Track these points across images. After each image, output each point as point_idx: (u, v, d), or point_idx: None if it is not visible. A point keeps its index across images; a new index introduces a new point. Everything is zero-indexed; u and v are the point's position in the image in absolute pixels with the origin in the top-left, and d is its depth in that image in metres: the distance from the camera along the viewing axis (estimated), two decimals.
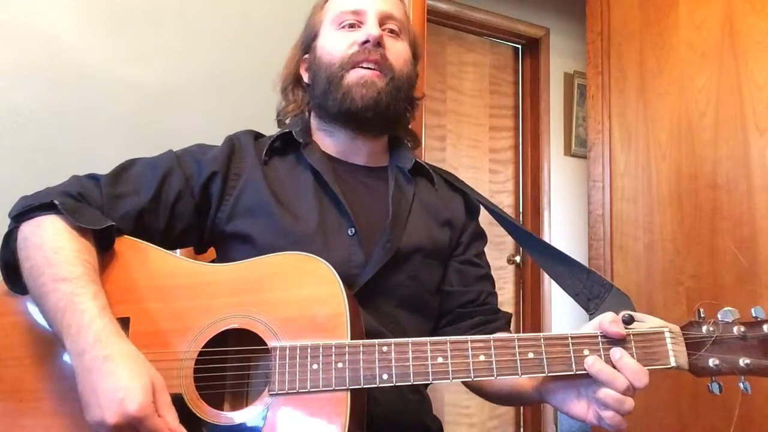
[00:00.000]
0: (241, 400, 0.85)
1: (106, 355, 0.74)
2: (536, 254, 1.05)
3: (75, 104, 1.46)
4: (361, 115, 1.00)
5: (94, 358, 0.74)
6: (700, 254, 1.83)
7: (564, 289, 0.99)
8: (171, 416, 0.74)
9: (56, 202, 0.86)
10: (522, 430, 3.21)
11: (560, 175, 3.34)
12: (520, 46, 3.40)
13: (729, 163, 1.78)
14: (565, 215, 3.32)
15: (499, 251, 3.16)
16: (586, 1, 2.26)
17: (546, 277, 3.15)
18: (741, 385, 0.78)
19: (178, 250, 1.15)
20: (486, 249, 1.15)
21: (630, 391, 0.76)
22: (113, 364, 0.74)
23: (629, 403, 0.76)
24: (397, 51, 1.03)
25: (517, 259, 3.21)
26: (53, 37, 1.45)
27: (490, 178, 3.24)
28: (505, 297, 3.20)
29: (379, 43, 0.99)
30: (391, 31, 1.04)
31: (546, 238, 3.22)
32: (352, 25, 1.02)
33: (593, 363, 0.77)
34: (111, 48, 1.51)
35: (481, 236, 1.13)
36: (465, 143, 3.16)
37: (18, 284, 0.87)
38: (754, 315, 0.78)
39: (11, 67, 1.40)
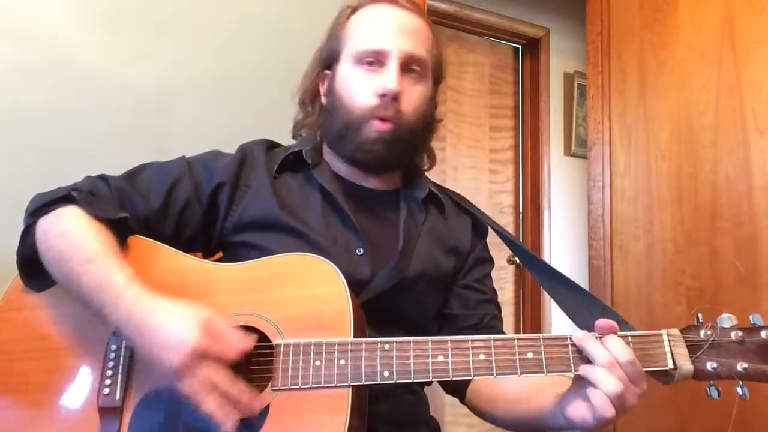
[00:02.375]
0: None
1: (148, 311, 0.78)
2: (547, 282, 1.03)
3: (75, 104, 1.46)
4: (366, 166, 1.02)
5: (139, 320, 0.78)
6: (700, 254, 1.83)
7: (572, 320, 0.97)
8: (231, 337, 0.77)
9: (73, 194, 0.90)
10: None
11: (560, 175, 3.34)
12: (520, 46, 3.40)
13: (729, 163, 1.78)
14: (565, 215, 3.32)
15: (500, 251, 3.15)
16: (586, 1, 2.26)
17: None
18: (739, 390, 0.78)
19: None
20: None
21: (615, 368, 0.75)
22: (157, 316, 0.78)
23: (612, 381, 0.74)
24: (413, 98, 1.01)
25: (517, 259, 3.21)
26: (53, 37, 1.45)
27: (490, 178, 3.24)
28: (505, 297, 3.20)
29: (396, 97, 0.97)
30: (412, 70, 1.01)
31: (546, 239, 3.22)
32: (371, 63, 0.99)
33: (582, 337, 0.78)
34: (111, 48, 1.51)
35: (485, 261, 1.13)
36: (465, 143, 3.16)
37: (34, 280, 0.90)
38: (752, 322, 0.79)
39: (11, 67, 1.40)
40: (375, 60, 0.99)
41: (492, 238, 1.16)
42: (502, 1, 3.19)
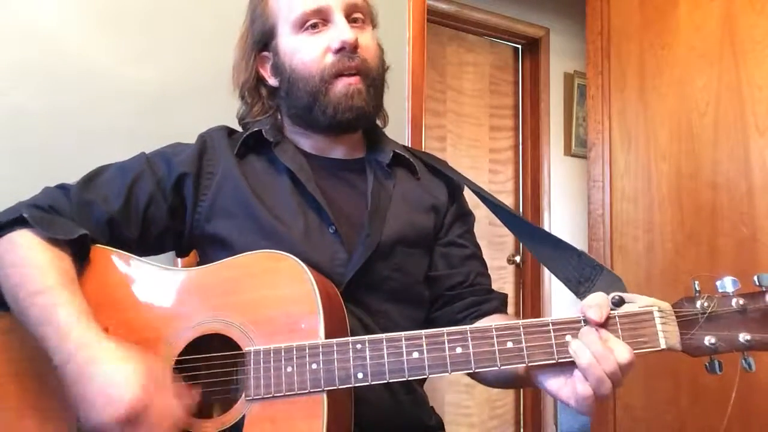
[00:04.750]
0: (231, 405, 0.83)
1: (88, 358, 0.74)
2: (526, 238, 1.01)
3: (75, 104, 1.46)
4: (351, 125, 0.98)
5: (78, 365, 0.74)
6: (700, 254, 1.83)
7: (554, 273, 0.94)
8: (169, 395, 0.73)
9: (25, 215, 0.84)
10: (522, 430, 3.21)
11: (560, 175, 3.34)
12: (520, 46, 3.40)
13: (729, 163, 1.78)
14: (565, 215, 3.32)
15: (499, 251, 3.15)
16: (586, 1, 2.26)
17: (546, 277, 3.15)
18: (742, 362, 0.71)
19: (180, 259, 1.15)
20: (486, 249, 1.13)
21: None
22: (96, 366, 0.73)
23: (605, 381, 0.70)
24: (368, 44, 0.98)
25: (517, 259, 3.21)
26: (53, 37, 1.45)
27: (490, 178, 3.24)
28: None
29: (355, 47, 0.94)
30: (357, 20, 0.97)
31: None
32: (315, 25, 0.95)
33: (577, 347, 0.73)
34: (111, 48, 1.51)
35: (464, 215, 1.09)
36: (465, 143, 3.16)
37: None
38: (756, 283, 0.71)
39: (11, 67, 1.40)
40: (318, 20, 0.95)
41: (492, 237, 1.15)
42: (502, 1, 3.19)
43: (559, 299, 3.15)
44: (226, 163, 0.98)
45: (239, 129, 1.07)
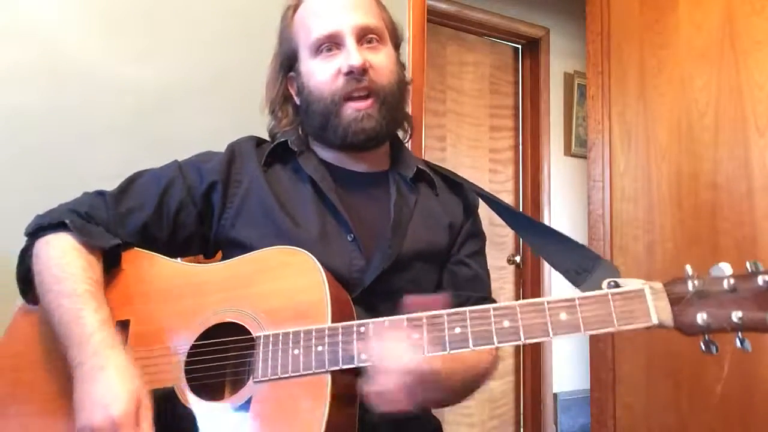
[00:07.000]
0: (240, 389, 0.86)
1: (101, 365, 0.80)
2: (528, 234, 1.06)
3: (75, 104, 1.46)
4: (363, 146, 1.01)
5: (90, 368, 0.80)
6: (700, 254, 1.83)
7: (554, 267, 0.98)
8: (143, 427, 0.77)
9: (66, 221, 0.92)
10: (522, 430, 3.21)
11: (560, 175, 3.34)
12: (520, 46, 3.40)
13: (729, 163, 1.78)
14: (565, 215, 3.32)
15: (499, 251, 3.16)
16: (586, 1, 2.26)
17: (546, 277, 3.15)
18: (738, 343, 0.71)
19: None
20: (487, 248, 1.13)
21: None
22: (106, 373, 0.79)
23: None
24: (382, 65, 1.00)
25: (517, 259, 3.21)
26: (53, 37, 1.45)
27: (490, 178, 3.24)
28: (505, 297, 3.20)
29: (364, 70, 0.97)
30: (371, 41, 1.00)
31: None
32: (330, 49, 0.99)
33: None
34: (111, 48, 1.51)
35: (475, 235, 1.12)
36: (465, 143, 3.16)
37: (30, 294, 0.93)
38: (749, 269, 0.72)
39: (11, 67, 1.40)
40: (331, 45, 0.99)
41: (492, 237, 1.15)
42: (502, 1, 3.19)
43: None
44: (253, 173, 1.02)
45: (256, 135, 1.11)
